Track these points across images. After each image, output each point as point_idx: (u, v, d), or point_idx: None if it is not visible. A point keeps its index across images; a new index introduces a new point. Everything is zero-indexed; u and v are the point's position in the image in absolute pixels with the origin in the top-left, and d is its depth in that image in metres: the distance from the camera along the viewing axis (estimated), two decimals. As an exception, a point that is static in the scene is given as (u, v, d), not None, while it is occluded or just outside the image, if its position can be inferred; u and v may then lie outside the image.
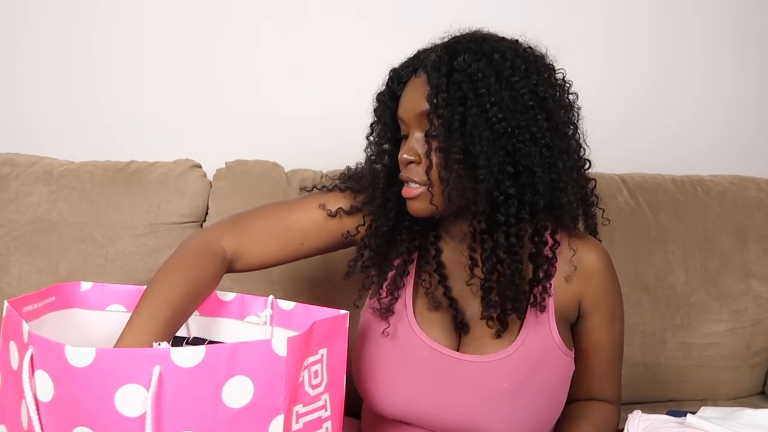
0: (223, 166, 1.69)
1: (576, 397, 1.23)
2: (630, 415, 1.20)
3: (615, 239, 1.61)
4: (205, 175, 1.67)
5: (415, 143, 1.06)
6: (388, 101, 1.12)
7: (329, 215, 1.18)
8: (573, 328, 1.18)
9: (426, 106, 1.03)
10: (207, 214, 1.64)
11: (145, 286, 1.01)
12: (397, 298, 1.14)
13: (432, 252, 1.16)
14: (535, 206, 1.04)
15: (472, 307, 1.13)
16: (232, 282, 1.56)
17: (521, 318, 1.09)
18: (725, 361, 1.65)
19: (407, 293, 1.15)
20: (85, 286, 1.12)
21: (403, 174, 1.07)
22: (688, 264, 1.64)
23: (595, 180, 1.21)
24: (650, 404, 1.62)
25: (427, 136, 1.04)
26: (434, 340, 1.12)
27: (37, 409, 0.82)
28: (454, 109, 1.00)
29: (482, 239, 1.05)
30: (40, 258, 1.55)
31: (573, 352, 1.16)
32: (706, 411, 1.28)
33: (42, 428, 0.83)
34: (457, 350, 1.12)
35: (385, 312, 1.13)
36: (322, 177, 1.63)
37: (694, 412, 1.18)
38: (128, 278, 1.54)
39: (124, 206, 1.59)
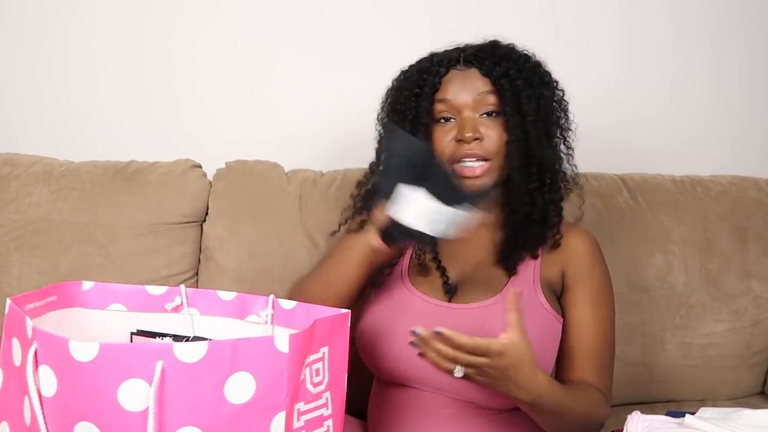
0: (223, 166, 1.69)
1: (564, 380, 1.27)
2: (629, 416, 1.20)
3: (615, 239, 1.62)
4: (205, 175, 1.68)
5: (472, 122, 1.20)
6: (428, 93, 1.23)
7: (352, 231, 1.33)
8: (560, 303, 1.28)
9: (486, 88, 1.20)
10: (207, 214, 1.64)
11: (147, 286, 1.13)
12: (393, 269, 1.30)
13: None
14: (556, 174, 1.26)
15: (460, 274, 1.28)
16: (232, 282, 1.56)
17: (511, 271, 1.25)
18: (725, 361, 1.65)
19: (404, 264, 1.31)
20: (87, 285, 1.12)
21: (462, 152, 1.20)
22: (688, 264, 1.64)
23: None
24: (650, 405, 1.62)
25: (492, 114, 1.20)
26: (424, 294, 1.26)
27: (41, 404, 0.83)
28: (520, 92, 1.19)
29: (531, 192, 1.23)
30: (40, 258, 1.55)
31: (561, 318, 1.26)
32: (705, 412, 1.28)
33: (45, 423, 0.83)
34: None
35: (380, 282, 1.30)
36: (322, 176, 1.64)
37: (693, 413, 1.18)
38: (128, 278, 1.54)
39: (124, 206, 1.59)
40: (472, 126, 1.19)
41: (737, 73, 1.99)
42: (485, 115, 1.20)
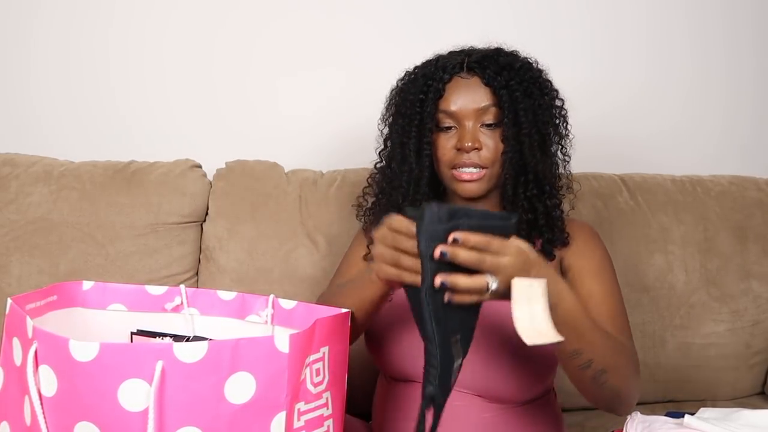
0: (223, 166, 1.69)
1: None
2: (629, 417, 1.19)
3: (615, 239, 1.62)
4: (205, 175, 1.68)
5: (472, 133, 1.23)
6: (432, 99, 1.25)
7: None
8: None
9: (487, 101, 1.23)
10: (207, 214, 1.64)
11: (147, 286, 1.13)
12: None
13: None
14: (554, 181, 1.30)
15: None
16: (232, 282, 1.56)
17: None
18: (725, 361, 1.65)
19: None
20: (87, 285, 1.12)
21: (460, 161, 1.24)
22: (688, 264, 1.64)
23: None
24: (650, 405, 1.62)
25: (491, 125, 1.24)
26: None
27: (41, 404, 0.83)
28: (518, 104, 1.22)
29: (530, 200, 1.26)
30: (40, 258, 1.55)
31: None
32: (704, 412, 1.28)
33: (46, 423, 0.83)
34: None
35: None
36: (323, 176, 1.64)
37: (692, 413, 1.18)
38: (128, 278, 1.54)
39: (124, 206, 1.59)
40: (471, 137, 1.23)
41: (732, 72, 1.99)
42: (485, 126, 1.24)
